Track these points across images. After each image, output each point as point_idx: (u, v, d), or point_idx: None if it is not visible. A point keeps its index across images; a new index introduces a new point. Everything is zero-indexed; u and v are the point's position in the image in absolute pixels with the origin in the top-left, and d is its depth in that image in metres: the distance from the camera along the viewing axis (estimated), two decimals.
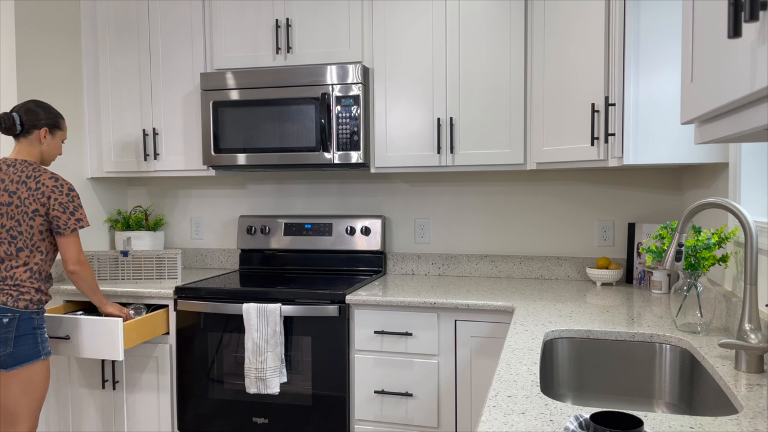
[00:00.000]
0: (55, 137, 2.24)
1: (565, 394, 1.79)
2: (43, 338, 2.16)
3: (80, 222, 2.17)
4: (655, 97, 2.04)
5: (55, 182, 2.14)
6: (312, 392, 2.44)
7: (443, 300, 2.31)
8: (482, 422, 1.10)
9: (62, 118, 2.27)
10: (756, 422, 1.09)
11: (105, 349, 2.30)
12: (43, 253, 2.16)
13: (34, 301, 2.13)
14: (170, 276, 2.75)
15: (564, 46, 2.37)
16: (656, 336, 1.74)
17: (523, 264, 2.88)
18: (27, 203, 2.11)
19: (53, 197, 2.12)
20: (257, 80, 2.70)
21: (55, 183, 2.14)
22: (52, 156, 2.26)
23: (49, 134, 2.21)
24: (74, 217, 2.16)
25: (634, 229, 2.69)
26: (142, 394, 2.66)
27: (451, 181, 2.97)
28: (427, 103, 2.63)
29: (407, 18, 2.63)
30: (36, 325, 2.13)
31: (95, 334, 2.31)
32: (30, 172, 2.14)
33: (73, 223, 2.15)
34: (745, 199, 1.81)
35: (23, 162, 2.16)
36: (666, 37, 2.02)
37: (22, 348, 2.08)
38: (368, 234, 2.94)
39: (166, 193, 3.36)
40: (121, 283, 2.76)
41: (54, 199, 2.12)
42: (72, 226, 2.15)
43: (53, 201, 2.12)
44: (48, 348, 2.17)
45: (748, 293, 1.42)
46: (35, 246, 2.13)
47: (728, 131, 0.89)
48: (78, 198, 2.18)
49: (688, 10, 1.05)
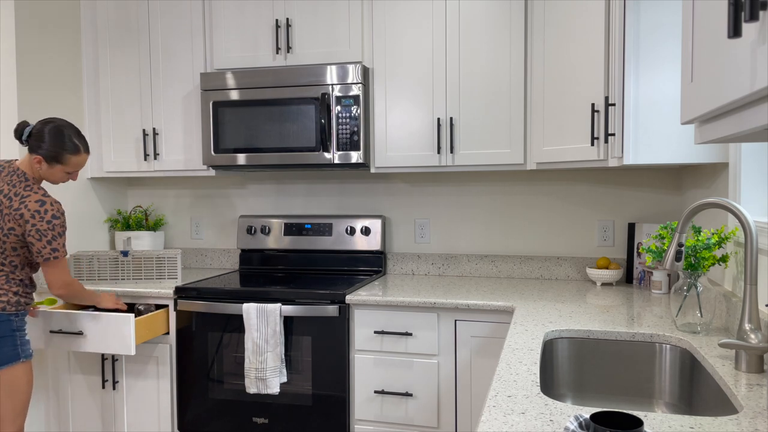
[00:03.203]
0: (52, 168, 2.12)
1: (565, 394, 1.79)
2: (23, 340, 2.12)
3: (55, 252, 2.08)
4: (655, 97, 2.04)
5: (39, 207, 2.05)
6: (312, 392, 2.44)
7: (443, 300, 2.31)
8: (482, 422, 1.10)
9: (71, 153, 2.13)
10: (756, 422, 1.09)
11: (117, 344, 2.34)
12: (18, 267, 2.11)
13: (11, 302, 2.08)
14: (170, 276, 2.75)
15: (564, 46, 2.37)
16: (656, 336, 1.74)
17: (523, 264, 2.88)
18: (6, 219, 2.04)
19: (31, 223, 2.03)
20: (257, 80, 2.70)
21: (39, 208, 2.04)
22: (53, 181, 2.17)
23: (45, 163, 2.10)
24: (50, 246, 2.07)
25: (634, 229, 2.69)
26: (142, 394, 2.66)
27: (451, 181, 2.97)
28: (427, 103, 2.63)
29: (407, 18, 2.63)
30: (15, 327, 2.09)
31: (108, 330, 2.34)
32: (20, 189, 2.06)
33: (47, 253, 2.07)
34: (745, 199, 1.81)
35: (21, 174, 2.10)
36: (666, 36, 2.02)
37: (1, 350, 2.05)
38: (368, 234, 2.94)
39: (166, 193, 3.36)
40: (121, 283, 2.76)
41: (32, 225, 2.04)
42: (46, 255, 2.07)
43: (30, 227, 2.04)
44: (29, 350, 2.14)
45: (748, 293, 1.42)
46: (7, 259, 2.08)
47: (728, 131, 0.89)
48: (61, 226, 2.08)
49: (688, 10, 1.05)
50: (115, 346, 2.34)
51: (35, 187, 2.10)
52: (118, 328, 2.34)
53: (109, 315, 2.34)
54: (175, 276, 2.77)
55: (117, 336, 2.34)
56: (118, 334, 2.34)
